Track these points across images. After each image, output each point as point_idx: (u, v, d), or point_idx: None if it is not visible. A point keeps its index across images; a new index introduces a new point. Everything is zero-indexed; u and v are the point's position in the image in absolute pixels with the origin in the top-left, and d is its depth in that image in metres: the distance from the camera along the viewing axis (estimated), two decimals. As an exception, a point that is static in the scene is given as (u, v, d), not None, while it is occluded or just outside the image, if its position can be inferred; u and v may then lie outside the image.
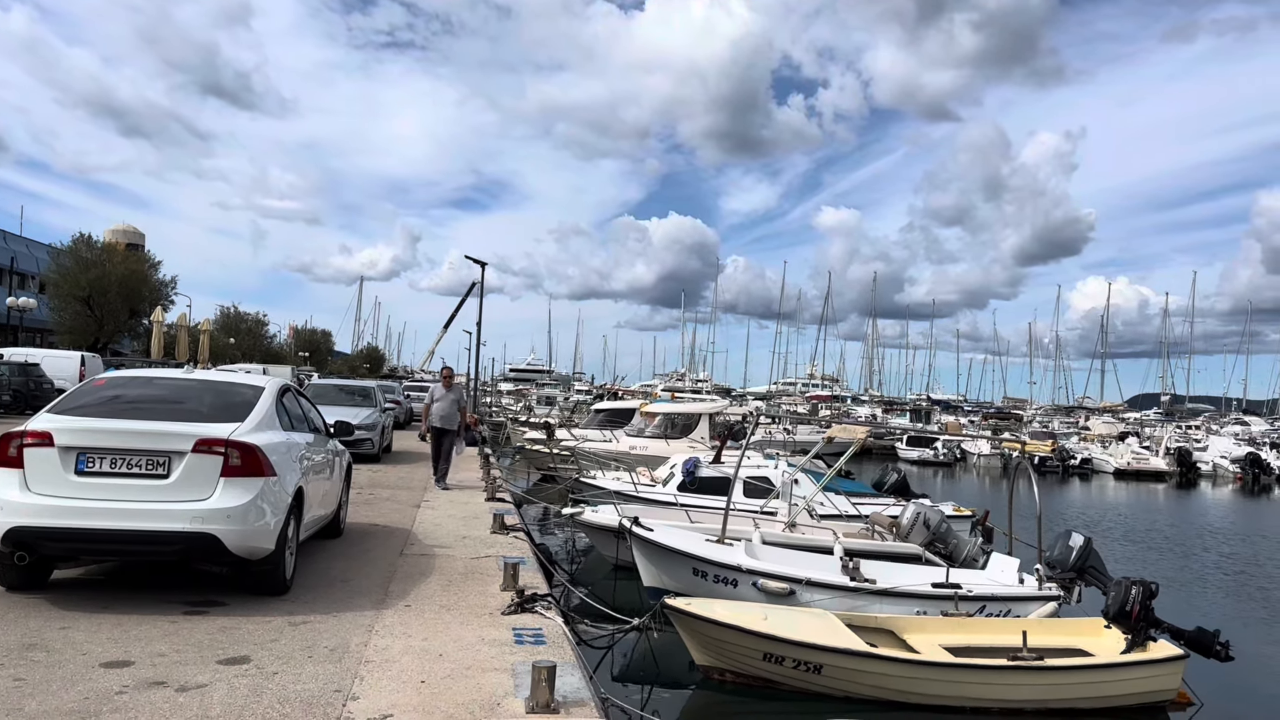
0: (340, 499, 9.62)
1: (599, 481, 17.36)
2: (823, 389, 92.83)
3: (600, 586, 12.88)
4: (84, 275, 45.29)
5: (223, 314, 71.19)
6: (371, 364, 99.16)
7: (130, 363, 37.43)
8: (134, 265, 48.35)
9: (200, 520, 6.14)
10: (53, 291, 47.30)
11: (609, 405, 36.90)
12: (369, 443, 17.87)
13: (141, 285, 47.80)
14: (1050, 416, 79.98)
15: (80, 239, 48.26)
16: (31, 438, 6.18)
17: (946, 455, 48.44)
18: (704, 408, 28.94)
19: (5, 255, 62.13)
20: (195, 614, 6.22)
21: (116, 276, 45.95)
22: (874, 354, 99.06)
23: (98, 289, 45.27)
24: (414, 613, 6.63)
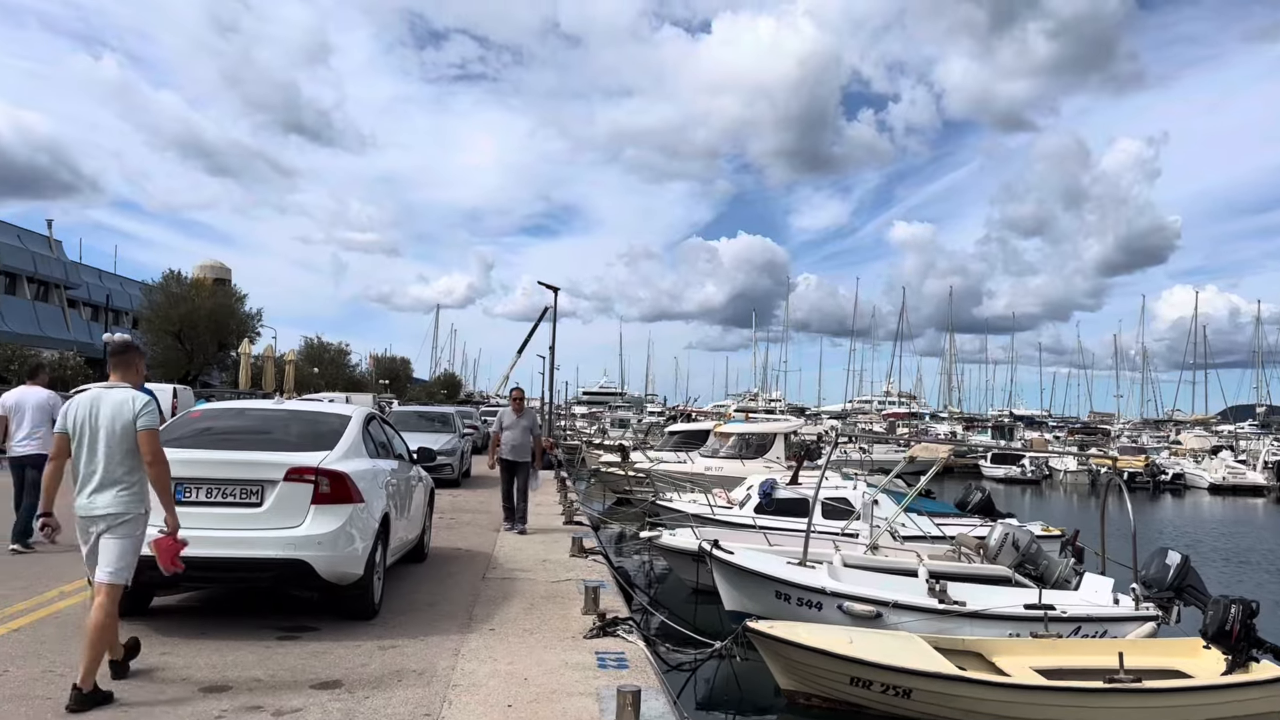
0: (424, 524, 9.78)
1: (675, 504, 17.31)
2: (900, 406, 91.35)
3: (680, 609, 12.79)
4: (175, 310, 47.03)
5: (306, 345, 73.08)
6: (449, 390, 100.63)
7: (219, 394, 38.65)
8: (222, 299, 50.02)
9: (292, 547, 6.30)
10: (146, 326, 49.19)
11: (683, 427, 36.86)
12: (449, 468, 18.15)
13: (229, 319, 49.41)
14: (1139, 431, 77.40)
15: (171, 275, 50.18)
16: None
17: (1033, 473, 47.17)
18: (779, 427, 28.73)
19: (101, 293, 64.87)
20: (288, 639, 6.38)
21: (205, 311, 47.59)
22: (952, 369, 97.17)
23: (188, 323, 46.94)
24: (498, 636, 6.69)
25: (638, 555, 17.29)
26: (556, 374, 43.58)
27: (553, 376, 43.26)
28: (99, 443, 5.07)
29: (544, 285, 41.44)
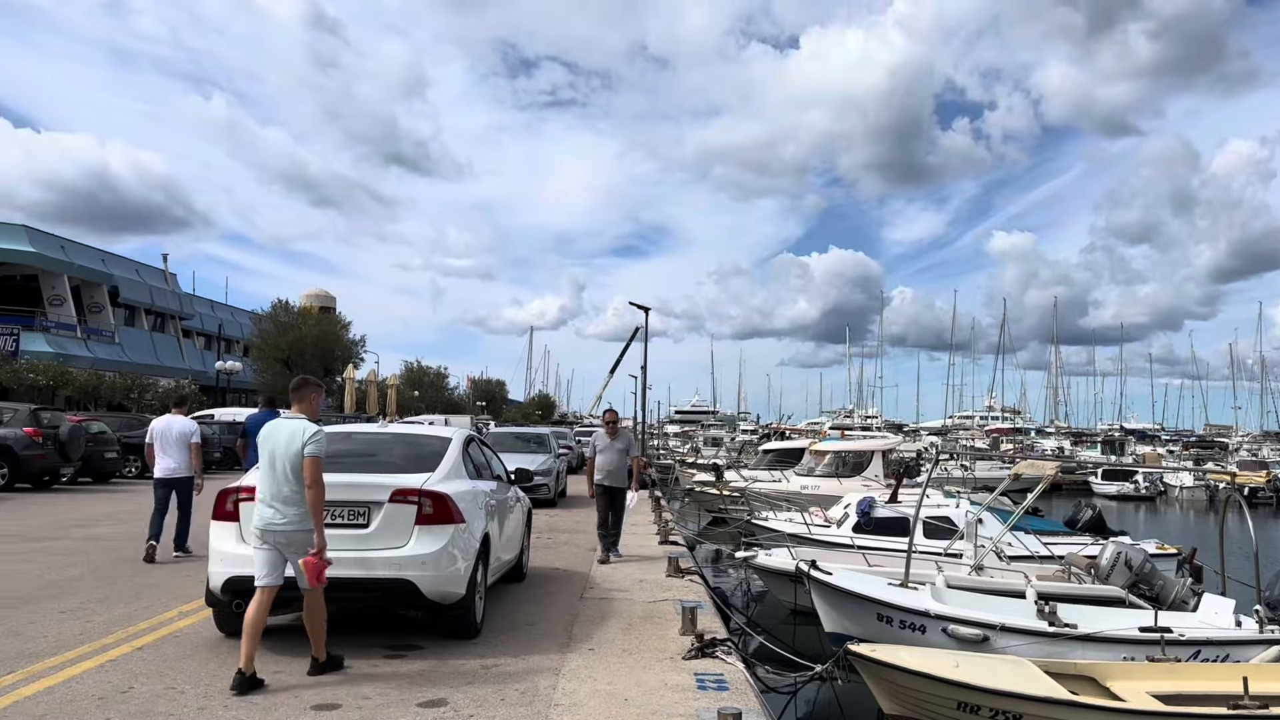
0: (522, 544, 9.92)
1: (771, 523, 17.17)
2: (1003, 422, 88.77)
3: (779, 631, 12.68)
4: (283, 338, 48.91)
5: (407, 369, 75.09)
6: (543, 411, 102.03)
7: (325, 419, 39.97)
8: (327, 327, 51.81)
9: (398, 567, 6.47)
10: (255, 354, 51.25)
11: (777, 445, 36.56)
12: (545, 488, 18.39)
13: (334, 345, 51.12)
14: (1259, 444, 73.54)
15: (279, 305, 52.25)
16: (245, 493, 6.69)
17: (1147, 489, 45.25)
18: (876, 445, 28.25)
19: (213, 322, 67.81)
20: (395, 657, 6.54)
21: (312, 338, 49.37)
22: (1058, 383, 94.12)
23: (295, 350, 48.72)
24: (597, 656, 6.73)
25: (734, 575, 17.19)
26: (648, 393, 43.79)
27: (645, 396, 43.50)
28: (276, 464, 5.80)
29: (635, 305, 41.81)
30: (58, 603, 8.08)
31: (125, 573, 9.81)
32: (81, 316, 52.16)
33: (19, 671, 5.92)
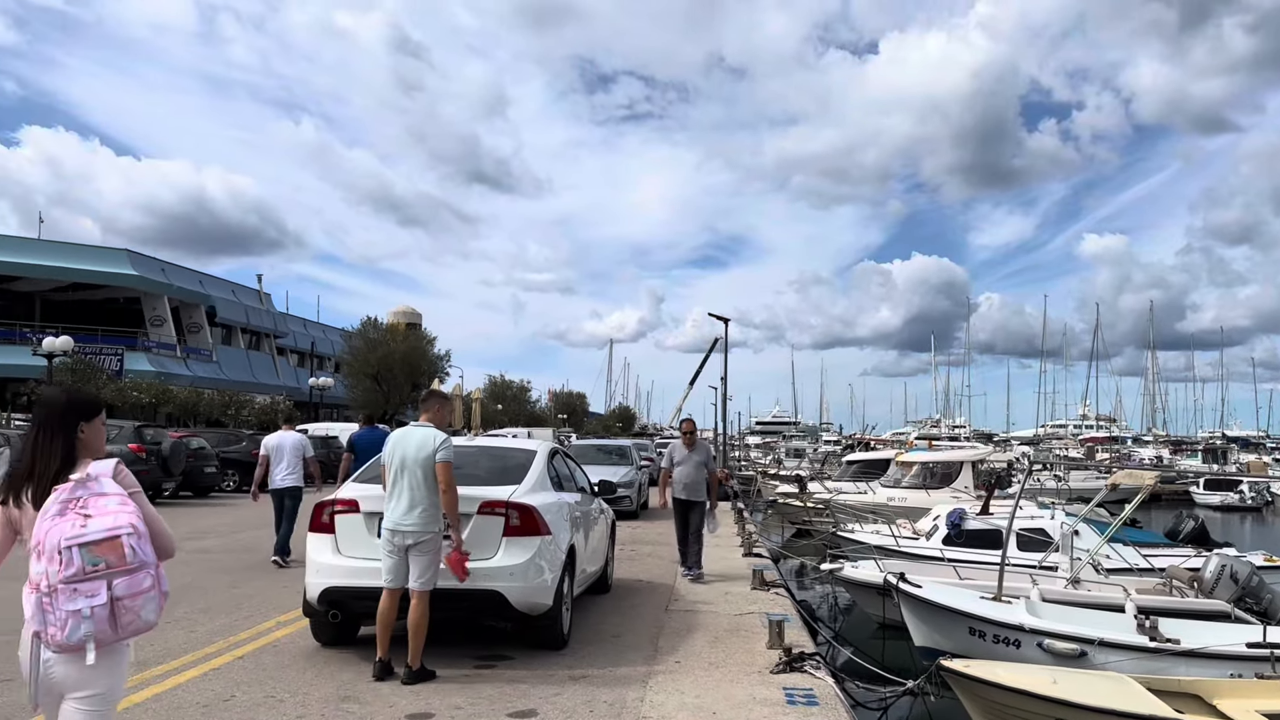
0: (607, 555, 9.97)
1: (857, 535, 16.91)
2: (1098, 430, 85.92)
3: (867, 645, 12.46)
4: (372, 354, 50.15)
5: (490, 382, 76.20)
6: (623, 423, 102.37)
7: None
8: (414, 343, 52.95)
9: (487, 578, 6.57)
10: (346, 370, 52.64)
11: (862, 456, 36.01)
12: (628, 500, 18.45)
13: (421, 360, 52.19)
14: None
15: (368, 322, 53.61)
16: (341, 505, 6.88)
17: (1252, 499, 43.26)
18: (965, 455, 27.59)
19: (306, 340, 69.93)
20: (485, 667, 6.63)
21: (399, 354, 50.50)
22: (1155, 389, 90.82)
23: (384, 366, 49.92)
24: (684, 669, 6.72)
25: (819, 588, 16.97)
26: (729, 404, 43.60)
27: (725, 407, 43.33)
28: (406, 470, 6.14)
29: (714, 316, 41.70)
30: (164, 613, 8.39)
31: (226, 584, 10.16)
32: (181, 336, 54.30)
33: (130, 679, 6.16)
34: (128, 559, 2.80)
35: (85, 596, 2.75)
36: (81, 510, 2.84)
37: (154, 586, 2.88)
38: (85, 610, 2.74)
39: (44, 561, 2.79)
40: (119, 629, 2.81)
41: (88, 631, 2.76)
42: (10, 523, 3.05)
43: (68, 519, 2.82)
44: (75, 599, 2.74)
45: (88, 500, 2.88)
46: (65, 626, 2.74)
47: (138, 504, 2.95)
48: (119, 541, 2.80)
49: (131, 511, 2.89)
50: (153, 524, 2.97)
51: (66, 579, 2.75)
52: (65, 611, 2.74)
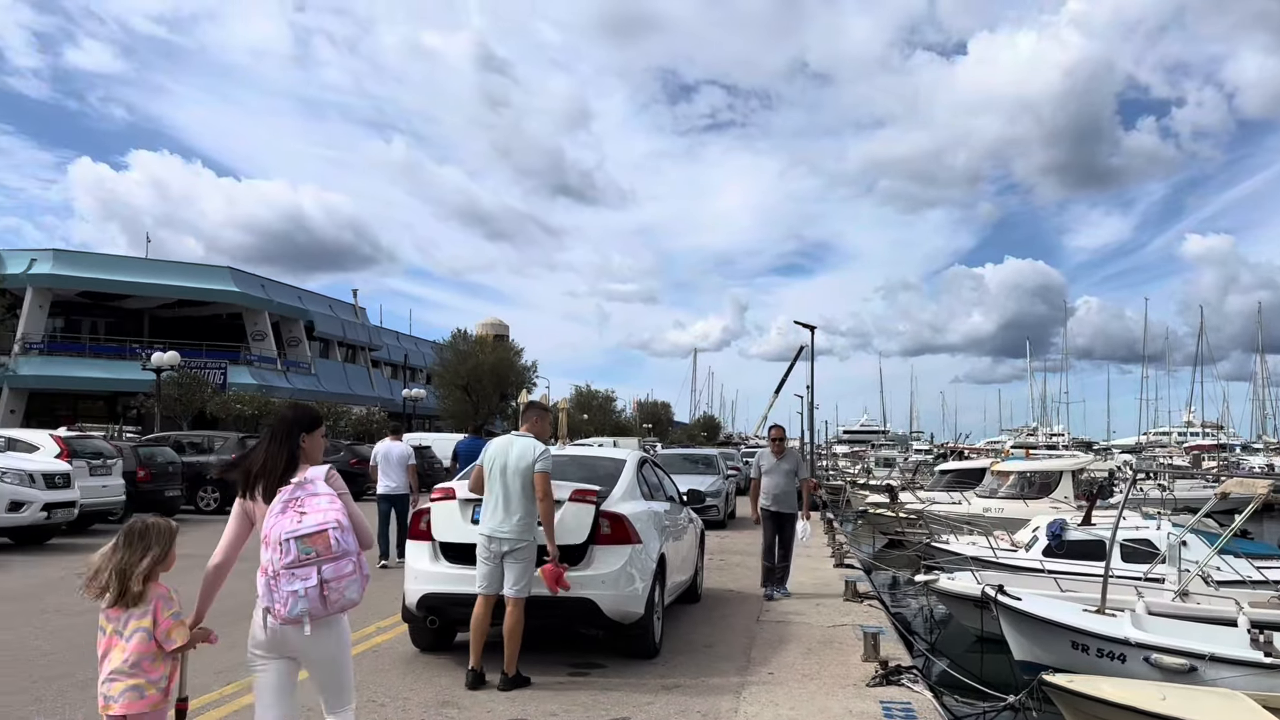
0: (696, 565, 9.96)
1: (952, 546, 16.54)
2: (1204, 438, 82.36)
3: (964, 659, 12.18)
4: (462, 366, 51.21)
5: (576, 392, 76.93)
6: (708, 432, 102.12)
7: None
8: (502, 354, 53.89)
9: (579, 586, 6.62)
10: (437, 381, 53.87)
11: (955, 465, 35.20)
12: (715, 509, 18.40)
13: (509, 371, 53.08)
14: None
15: (458, 334, 54.81)
16: (439, 493, 7.12)
17: (1375, 510, 40.93)
18: (1065, 464, 26.76)
19: (399, 353, 71.61)
20: (578, 674, 6.69)
21: (488, 365, 51.46)
22: (1265, 395, 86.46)
23: (473, 377, 50.92)
24: (778, 681, 6.67)
25: (914, 600, 16.65)
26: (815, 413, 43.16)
27: (812, 415, 42.95)
28: (504, 478, 6.29)
29: (800, 324, 41.45)
30: (269, 617, 8.69)
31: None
32: (281, 350, 56.17)
33: (237, 682, 6.38)
34: (334, 548, 3.38)
35: (300, 580, 3.35)
36: (299, 509, 3.45)
37: (356, 571, 3.44)
38: (301, 591, 3.34)
39: (270, 550, 3.41)
40: (328, 606, 3.39)
41: (303, 609, 3.35)
42: (247, 513, 3.74)
43: (287, 515, 3.44)
44: (293, 582, 3.35)
45: (304, 500, 3.48)
46: (286, 604, 3.35)
47: (344, 504, 3.53)
48: (326, 534, 3.38)
49: (338, 509, 3.47)
50: (355, 520, 3.56)
51: (286, 565, 3.35)
52: (286, 592, 3.35)
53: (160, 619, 3.46)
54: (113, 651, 3.43)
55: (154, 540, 3.56)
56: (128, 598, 3.44)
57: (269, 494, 3.59)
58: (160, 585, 3.56)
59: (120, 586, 3.44)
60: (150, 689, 3.42)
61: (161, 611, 3.47)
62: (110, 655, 3.44)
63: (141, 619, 3.44)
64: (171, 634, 3.45)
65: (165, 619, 3.46)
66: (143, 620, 3.44)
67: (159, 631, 3.45)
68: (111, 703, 3.42)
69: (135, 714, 3.42)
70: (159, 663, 3.46)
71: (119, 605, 3.45)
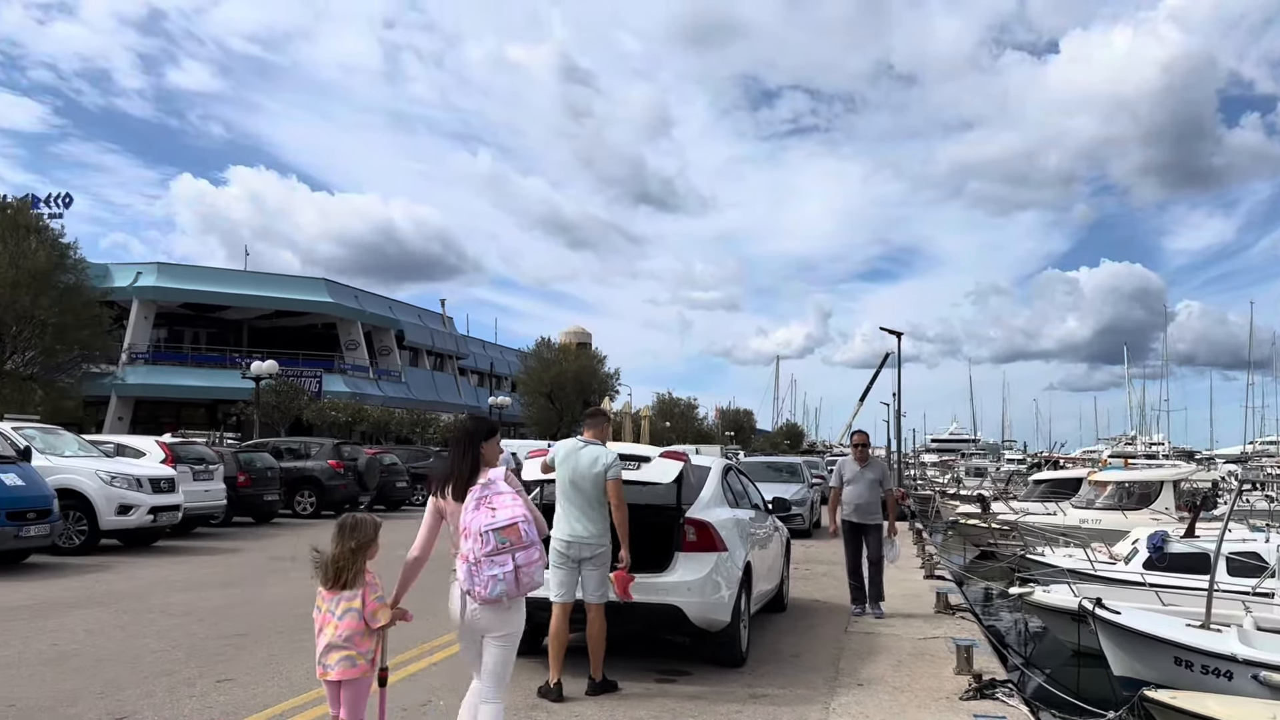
0: (782, 574, 9.89)
1: (1047, 558, 16.08)
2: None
3: (1061, 673, 11.83)
4: (546, 373, 51.84)
5: (658, 400, 77.06)
6: (791, 440, 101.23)
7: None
8: (585, 362, 54.38)
9: (665, 593, 6.65)
10: (522, 389, 54.62)
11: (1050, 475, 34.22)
12: (800, 518, 18.24)
13: (591, 379, 53.52)
14: None
15: (541, 343, 55.50)
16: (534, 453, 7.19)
17: None
18: (1165, 474, 25.80)
19: (485, 361, 72.83)
20: (665, 681, 6.71)
21: (571, 373, 51.98)
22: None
23: (557, 385, 51.51)
24: (867, 693, 6.58)
25: (1007, 613, 16.25)
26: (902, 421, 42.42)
27: (899, 423, 42.19)
28: (576, 486, 6.35)
29: (886, 330, 40.79)
30: (363, 619, 8.93)
31: (419, 592, 10.66)
32: (373, 359, 57.66)
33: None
34: (523, 538, 4.03)
35: (499, 566, 3.99)
36: (490, 505, 4.09)
37: (541, 558, 4.11)
38: (500, 575, 3.98)
39: (470, 541, 4.05)
40: (520, 588, 4.05)
41: (501, 590, 4.00)
42: (438, 510, 4.42)
43: (481, 511, 4.07)
44: (492, 568, 3.98)
45: (492, 497, 4.12)
46: (487, 586, 4.00)
47: (524, 499, 4.16)
48: (517, 527, 4.02)
49: (522, 505, 4.12)
50: (534, 513, 4.18)
51: (486, 554, 3.99)
52: (487, 576, 3.99)
53: (368, 601, 3.99)
54: (327, 628, 3.99)
55: (362, 532, 4.11)
56: (340, 581, 4.00)
57: (459, 494, 4.25)
58: (368, 572, 4.07)
59: (334, 571, 4.01)
60: (360, 659, 3.97)
61: (369, 594, 4.01)
62: (325, 630, 3.99)
63: (352, 600, 3.98)
64: (377, 614, 4.00)
65: (372, 601, 4.00)
66: (353, 601, 3.98)
67: (366, 611, 3.98)
68: (329, 670, 3.97)
69: (348, 680, 3.97)
70: (366, 638, 4.00)
71: (333, 588, 4.01)
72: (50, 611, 9.16)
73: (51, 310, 25.65)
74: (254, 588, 11.12)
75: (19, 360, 26.56)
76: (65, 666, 6.88)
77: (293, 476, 21.93)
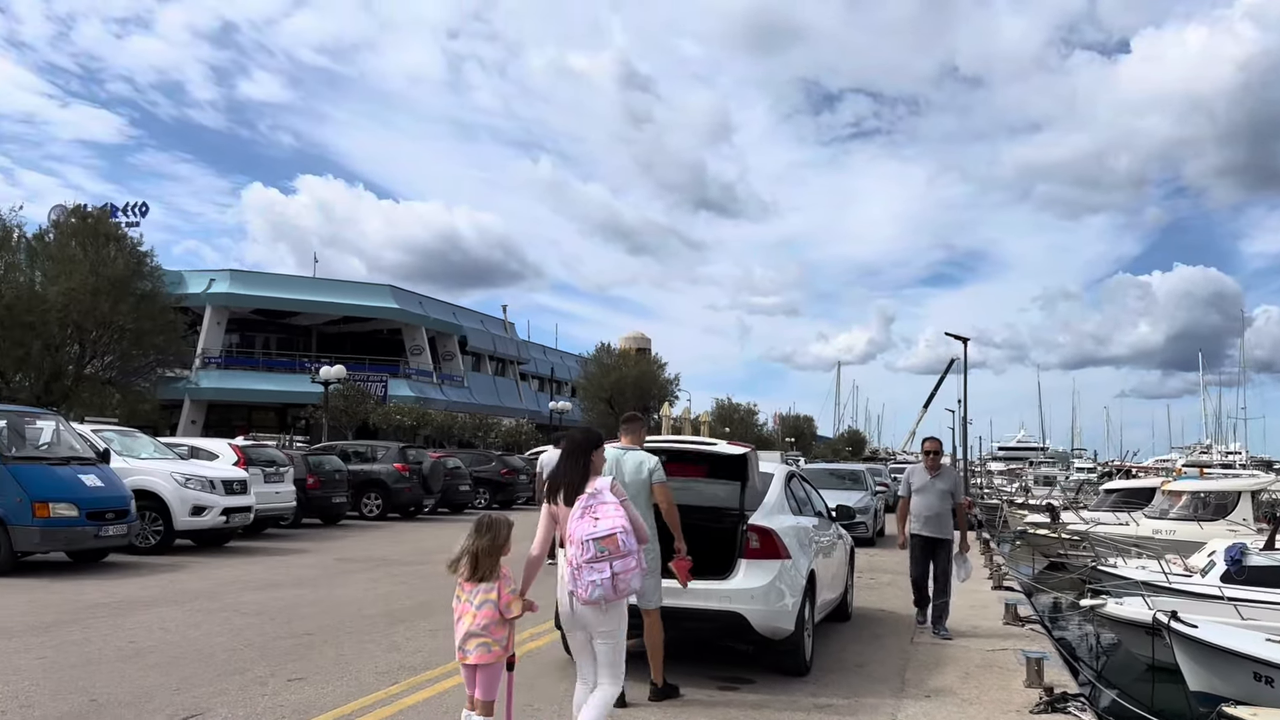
0: (846, 582, 9.78)
1: (1120, 570, 15.66)
2: None
3: (1134, 688, 11.53)
4: (606, 379, 52.02)
5: (718, 406, 76.81)
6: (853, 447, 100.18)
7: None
8: (644, 367, 54.44)
9: (728, 600, 6.62)
10: (582, 394, 54.91)
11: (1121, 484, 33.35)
12: (863, 526, 18.01)
13: (651, 385, 53.57)
14: None
15: (601, 348, 55.70)
16: None
17: None
18: (1243, 484, 24.93)
19: (545, 366, 73.40)
20: (728, 689, 6.67)
21: (631, 378, 52.08)
22: None
23: (617, 390, 51.62)
24: (935, 705, 6.47)
25: (1078, 626, 15.86)
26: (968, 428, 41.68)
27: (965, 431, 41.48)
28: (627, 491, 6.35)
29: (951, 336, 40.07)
30: (427, 621, 9.05)
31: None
32: (437, 364, 58.47)
33: (401, 683, 6.67)
34: (621, 548, 4.38)
35: (597, 571, 4.35)
36: (593, 515, 4.47)
37: (638, 565, 4.46)
38: (598, 580, 4.35)
39: (573, 547, 4.44)
40: (618, 593, 4.41)
41: (600, 594, 4.37)
42: (552, 514, 4.82)
43: (585, 520, 4.47)
44: (592, 573, 4.36)
45: (596, 507, 4.51)
46: (587, 590, 4.37)
47: (625, 510, 4.53)
48: (615, 537, 4.38)
49: (623, 516, 4.48)
50: (634, 522, 4.54)
51: (586, 560, 4.36)
52: (586, 581, 4.37)
53: (503, 593, 4.37)
54: (465, 617, 4.39)
55: (496, 531, 4.48)
56: (478, 574, 4.39)
57: (569, 500, 4.65)
58: (503, 566, 4.44)
59: (473, 565, 4.40)
60: (495, 645, 4.37)
61: (504, 588, 4.39)
62: (463, 619, 4.40)
63: (489, 592, 4.36)
64: (511, 605, 4.37)
65: (506, 593, 4.38)
66: (489, 594, 4.36)
67: (501, 603, 4.35)
68: (467, 654, 4.38)
69: (484, 664, 4.38)
70: (501, 627, 4.38)
71: (471, 580, 4.40)
72: (128, 609, 9.44)
73: (129, 316, 26.44)
74: (323, 588, 11.34)
75: (98, 365, 27.41)
76: (142, 662, 7.09)
77: (359, 479, 22.31)
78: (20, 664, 6.91)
